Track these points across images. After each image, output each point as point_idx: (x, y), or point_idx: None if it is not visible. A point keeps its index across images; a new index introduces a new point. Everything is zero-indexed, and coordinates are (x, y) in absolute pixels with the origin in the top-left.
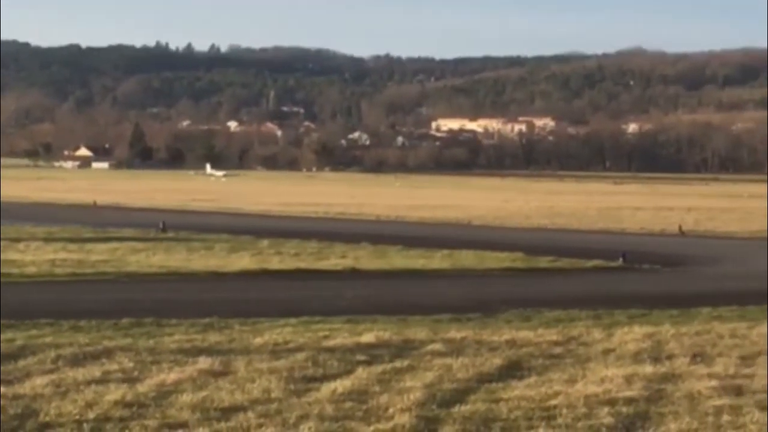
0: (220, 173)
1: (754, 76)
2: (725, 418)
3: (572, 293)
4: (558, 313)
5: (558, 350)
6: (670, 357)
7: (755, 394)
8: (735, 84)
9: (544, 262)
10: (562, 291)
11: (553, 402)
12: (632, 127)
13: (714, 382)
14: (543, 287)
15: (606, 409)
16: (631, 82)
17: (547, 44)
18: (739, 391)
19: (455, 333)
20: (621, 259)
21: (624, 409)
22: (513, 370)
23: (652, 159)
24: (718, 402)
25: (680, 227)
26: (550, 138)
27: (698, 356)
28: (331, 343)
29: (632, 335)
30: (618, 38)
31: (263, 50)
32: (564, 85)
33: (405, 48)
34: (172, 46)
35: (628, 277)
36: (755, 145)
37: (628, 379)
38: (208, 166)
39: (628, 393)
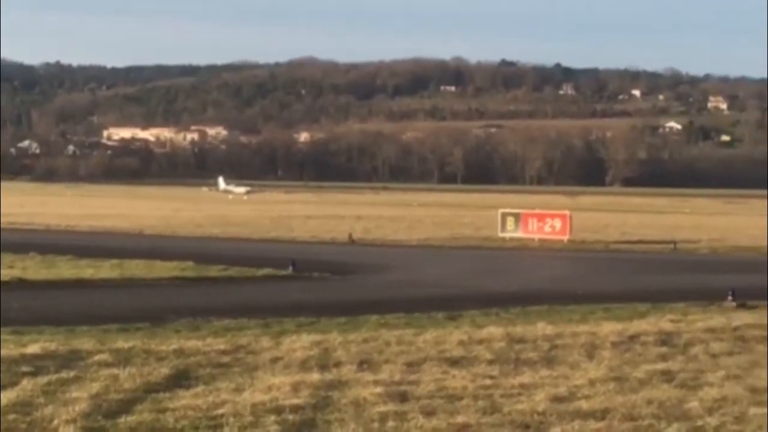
0: None
1: (424, 86)
2: (390, 424)
3: (242, 302)
4: (227, 322)
5: (226, 359)
6: (337, 364)
7: (420, 400)
8: (405, 94)
9: (214, 270)
10: (231, 300)
11: (220, 411)
12: (304, 136)
13: (380, 389)
14: (213, 296)
15: (273, 417)
16: (303, 92)
17: (219, 53)
18: (404, 397)
19: (123, 343)
20: (291, 268)
21: (291, 417)
22: (181, 380)
23: (324, 168)
24: (383, 408)
25: (350, 235)
26: (223, 147)
27: (365, 363)
28: None
29: (300, 343)
30: (290, 48)
31: None
32: (236, 94)
33: (76, 56)
34: None
35: (298, 285)
36: (425, 154)
37: (296, 387)
38: None
39: (295, 401)
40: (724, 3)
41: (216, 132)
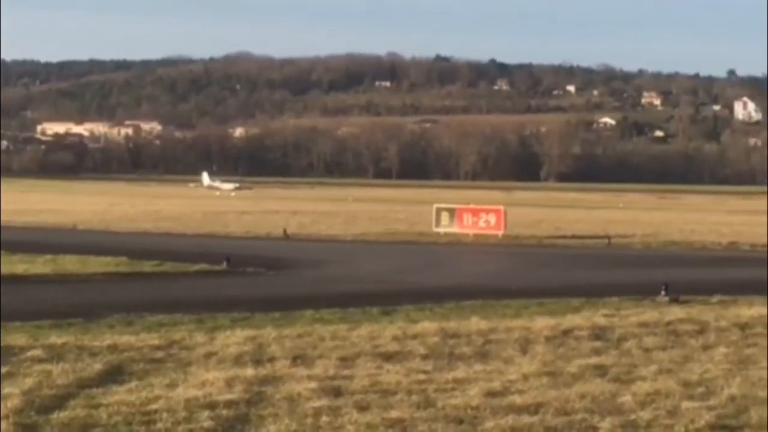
0: None
1: (359, 82)
2: (324, 419)
3: (176, 297)
4: (161, 318)
5: (160, 354)
6: (271, 360)
7: (354, 395)
8: (340, 89)
9: (148, 266)
10: (165, 295)
11: (154, 406)
12: (239, 131)
13: (314, 384)
14: (146, 291)
15: (206, 413)
16: (238, 87)
17: (154, 48)
18: (338, 392)
19: (56, 338)
20: (225, 263)
21: (224, 412)
22: (114, 375)
23: (259, 163)
24: (317, 403)
25: (285, 230)
26: (157, 142)
27: (299, 358)
28: None
29: (234, 338)
30: (225, 42)
31: None
32: (171, 89)
33: (9, 50)
34: None
35: (232, 280)
36: (360, 149)
37: (229, 382)
38: None
39: (229, 396)
40: None
41: (150, 127)
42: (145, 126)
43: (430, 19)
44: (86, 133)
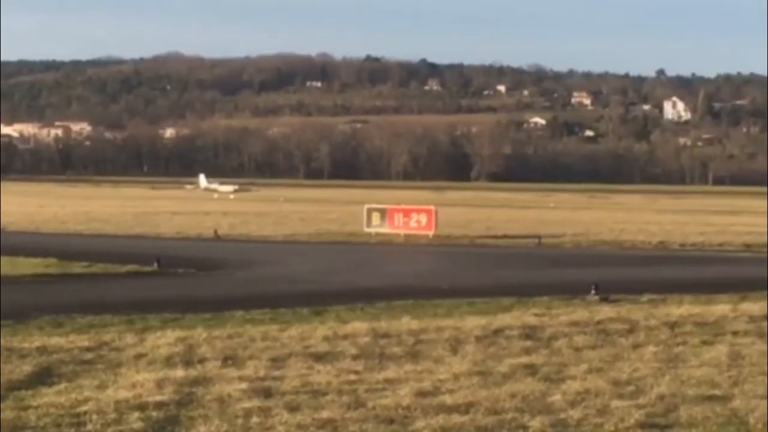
0: None
1: (290, 82)
2: (254, 419)
3: (106, 298)
4: (91, 319)
5: (90, 356)
6: (202, 360)
7: (284, 396)
8: (271, 89)
9: (78, 267)
10: (95, 296)
11: (83, 408)
12: (169, 132)
13: (244, 385)
14: (76, 293)
15: (136, 414)
16: (168, 87)
17: (84, 48)
18: (268, 393)
19: None
20: (156, 264)
21: (154, 414)
22: (43, 377)
23: (190, 163)
24: (247, 404)
25: (216, 231)
26: (87, 143)
27: (230, 359)
28: None
29: (165, 339)
30: (155, 43)
31: None
32: (101, 90)
33: None
34: None
35: (163, 281)
36: (291, 149)
37: (160, 384)
38: None
39: (159, 397)
40: None
41: (80, 128)
42: (75, 127)
43: (360, 19)
44: (15, 134)
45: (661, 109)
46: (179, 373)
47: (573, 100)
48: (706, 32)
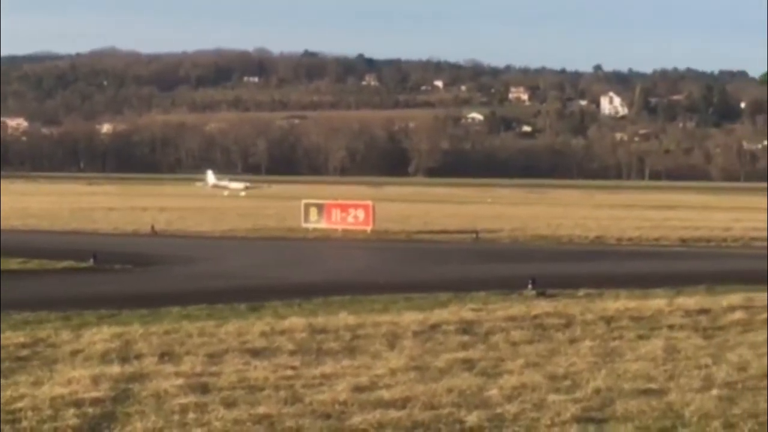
0: None
1: (227, 77)
2: (191, 415)
3: (42, 295)
4: (26, 315)
5: (25, 352)
6: (138, 357)
7: (221, 391)
8: (208, 85)
9: (14, 263)
10: (31, 293)
11: (19, 405)
12: (106, 128)
13: (181, 381)
14: (12, 289)
15: (72, 411)
16: (105, 83)
17: (19, 44)
18: (205, 389)
19: None
20: (92, 260)
21: (90, 410)
22: None
23: (127, 159)
24: (184, 400)
25: (153, 227)
26: (24, 139)
27: (166, 355)
28: None
29: (101, 335)
30: (91, 38)
31: None
32: (37, 86)
33: None
34: None
35: (99, 277)
36: (228, 145)
37: (96, 380)
38: None
39: (95, 394)
40: None
41: (16, 123)
42: (11, 122)
43: (298, 14)
44: None
45: (597, 105)
46: (115, 369)
47: (510, 96)
48: (642, 27)
